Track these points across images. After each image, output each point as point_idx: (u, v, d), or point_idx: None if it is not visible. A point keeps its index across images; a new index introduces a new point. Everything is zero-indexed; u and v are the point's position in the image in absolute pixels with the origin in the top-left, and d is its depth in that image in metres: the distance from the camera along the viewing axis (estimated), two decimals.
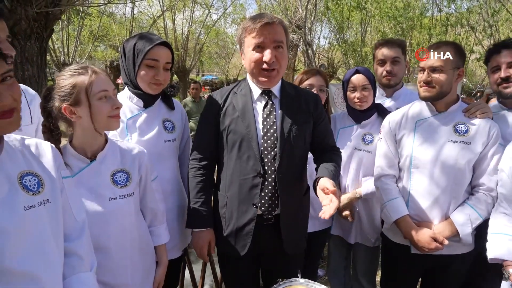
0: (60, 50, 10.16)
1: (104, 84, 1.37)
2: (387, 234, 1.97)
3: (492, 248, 1.52)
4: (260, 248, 1.72)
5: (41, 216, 1.06)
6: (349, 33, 10.39)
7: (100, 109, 1.36)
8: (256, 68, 1.62)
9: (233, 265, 1.80)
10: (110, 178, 1.45)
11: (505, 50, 1.79)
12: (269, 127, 1.65)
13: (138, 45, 1.67)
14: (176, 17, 15.56)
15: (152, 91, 1.74)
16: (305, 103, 1.75)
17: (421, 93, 1.79)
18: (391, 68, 2.34)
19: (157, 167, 1.72)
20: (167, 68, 1.73)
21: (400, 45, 2.38)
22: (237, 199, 1.67)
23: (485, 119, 1.74)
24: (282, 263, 1.78)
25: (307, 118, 1.73)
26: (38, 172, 1.09)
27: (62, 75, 1.37)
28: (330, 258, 2.48)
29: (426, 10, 9.82)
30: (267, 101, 1.69)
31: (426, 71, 1.74)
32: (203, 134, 1.75)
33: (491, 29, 8.52)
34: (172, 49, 1.77)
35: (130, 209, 1.49)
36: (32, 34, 3.21)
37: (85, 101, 1.34)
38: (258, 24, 1.54)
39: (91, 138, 1.42)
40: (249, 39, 1.59)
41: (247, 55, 1.63)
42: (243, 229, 1.68)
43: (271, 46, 1.57)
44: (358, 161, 2.16)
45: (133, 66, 1.69)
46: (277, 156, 1.64)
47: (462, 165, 1.71)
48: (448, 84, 1.73)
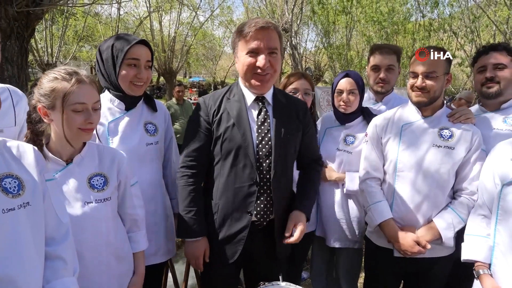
0: (43, 50, 9.96)
1: (83, 96, 1.33)
2: (370, 237, 1.99)
3: (467, 249, 1.55)
4: (249, 254, 1.71)
5: (20, 219, 1.04)
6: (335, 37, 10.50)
7: (72, 120, 1.33)
8: (249, 72, 1.61)
9: (216, 271, 1.75)
10: (87, 182, 1.42)
11: (494, 52, 1.84)
12: (264, 135, 1.65)
13: (116, 45, 1.65)
14: (163, 19, 15.47)
15: (134, 92, 1.71)
16: (296, 111, 1.77)
17: (413, 98, 1.79)
18: (385, 76, 2.34)
19: (140, 171, 1.70)
20: (148, 66, 1.72)
21: (395, 52, 2.38)
22: (231, 206, 1.65)
23: (468, 125, 1.77)
24: (267, 268, 1.77)
25: (298, 126, 1.75)
26: (18, 174, 1.08)
27: (48, 74, 1.35)
28: (313, 260, 2.49)
29: (410, 15, 10.02)
30: (260, 108, 1.68)
31: (420, 76, 1.75)
32: (194, 141, 1.69)
33: (473, 35, 8.73)
34: (151, 47, 1.75)
35: (107, 214, 1.46)
36: (12, 33, 3.13)
37: (60, 108, 1.31)
38: (253, 28, 1.53)
39: (66, 143, 1.39)
40: (243, 43, 1.58)
41: (241, 59, 1.62)
42: (235, 236, 1.67)
43: (265, 52, 1.57)
44: (339, 162, 2.18)
45: (113, 68, 1.66)
46: (272, 164, 1.64)
47: (445, 170, 1.74)
48: (440, 89, 1.76)
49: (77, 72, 1.36)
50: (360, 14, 9.74)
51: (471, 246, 1.54)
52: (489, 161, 1.57)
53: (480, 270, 1.47)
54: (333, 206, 2.20)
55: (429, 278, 1.86)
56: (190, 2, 14.96)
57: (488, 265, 1.47)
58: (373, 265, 2.04)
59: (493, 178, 1.50)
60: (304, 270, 3.11)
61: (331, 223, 2.20)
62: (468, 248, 1.55)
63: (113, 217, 1.51)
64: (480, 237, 1.53)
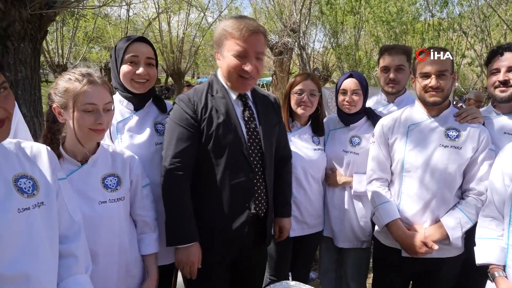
0: (54, 52, 10.09)
1: (94, 97, 1.36)
2: (378, 237, 1.99)
3: (480, 253, 1.54)
4: (244, 249, 1.74)
5: (35, 218, 1.06)
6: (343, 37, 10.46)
7: (82, 120, 1.36)
8: (235, 74, 1.61)
9: (209, 273, 1.69)
10: (101, 182, 1.46)
11: (508, 53, 1.80)
12: (252, 130, 1.68)
13: (118, 45, 1.71)
14: (171, 20, 15.54)
15: (136, 89, 1.73)
16: (272, 105, 1.84)
17: (429, 99, 1.77)
18: (394, 76, 2.33)
19: (149, 171, 1.71)
20: (150, 63, 1.74)
21: (405, 52, 2.37)
22: (229, 204, 1.64)
23: (476, 125, 1.77)
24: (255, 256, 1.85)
25: (277, 120, 1.84)
26: (33, 175, 1.10)
27: (64, 75, 1.39)
28: (321, 260, 2.50)
29: (419, 15, 9.93)
30: (244, 105, 1.71)
31: (433, 76, 1.73)
32: (181, 141, 1.60)
33: (483, 34, 8.63)
34: (152, 44, 1.78)
35: (120, 214, 1.49)
36: (26, 35, 3.19)
37: (71, 107, 1.35)
38: (244, 32, 1.53)
39: (77, 143, 1.42)
40: (231, 44, 1.57)
41: (226, 59, 1.61)
42: (235, 232, 1.67)
43: (253, 57, 1.58)
44: (346, 164, 2.19)
45: (116, 67, 1.71)
46: (263, 158, 1.69)
47: (452, 170, 1.74)
48: (450, 88, 1.76)
49: (91, 73, 1.40)
50: (368, 14, 9.69)
51: (483, 250, 1.53)
52: (499, 162, 1.56)
53: (496, 272, 1.46)
54: (341, 207, 2.22)
55: (438, 278, 1.86)
56: (199, 3, 15.01)
57: (503, 267, 1.46)
58: (381, 265, 2.04)
59: (502, 179, 1.49)
60: (312, 271, 3.12)
61: (339, 223, 2.21)
62: (481, 251, 1.54)
63: (126, 217, 1.54)
64: (491, 239, 1.52)
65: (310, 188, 2.17)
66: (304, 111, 2.14)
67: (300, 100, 2.12)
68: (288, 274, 1.46)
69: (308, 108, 2.14)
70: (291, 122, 2.24)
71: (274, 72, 11.60)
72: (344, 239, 2.22)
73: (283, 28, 9.64)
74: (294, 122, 2.23)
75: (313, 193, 2.19)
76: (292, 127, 2.22)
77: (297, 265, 2.26)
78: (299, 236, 2.18)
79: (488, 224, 1.56)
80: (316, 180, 2.20)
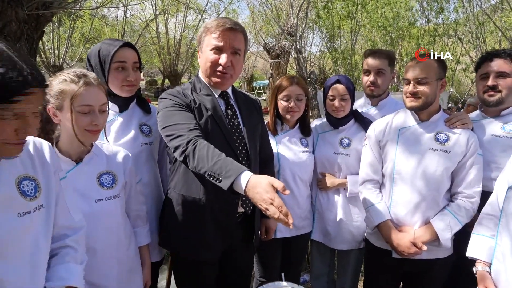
0: (50, 52, 10.08)
1: (90, 98, 1.38)
2: (370, 238, 2.02)
3: (472, 247, 1.59)
4: (232, 246, 1.75)
5: (35, 222, 1.04)
6: (339, 41, 10.55)
7: (78, 121, 1.37)
8: (211, 69, 1.64)
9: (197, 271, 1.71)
10: (97, 180, 1.47)
11: (497, 59, 1.85)
12: (236, 127, 1.70)
13: (102, 51, 1.69)
14: (168, 21, 15.60)
15: (126, 94, 1.76)
16: (253, 105, 1.87)
17: (407, 104, 1.84)
18: (374, 79, 2.36)
19: (135, 171, 1.72)
20: (135, 67, 1.76)
21: (387, 56, 2.39)
22: (218, 201, 1.64)
23: (465, 130, 1.80)
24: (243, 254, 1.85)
25: (259, 119, 1.87)
26: (35, 175, 1.08)
27: (58, 76, 1.40)
28: (313, 265, 2.50)
29: (415, 20, 10.04)
30: (227, 103, 1.73)
31: (411, 82, 1.79)
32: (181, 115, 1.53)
33: (478, 41, 8.74)
34: (136, 49, 1.80)
35: (117, 211, 1.51)
36: (22, 36, 3.19)
37: (68, 109, 1.36)
38: (221, 28, 1.58)
39: (75, 143, 1.43)
40: (209, 39, 1.62)
41: (205, 54, 1.65)
42: (224, 230, 1.68)
43: (229, 51, 1.61)
44: (338, 165, 2.21)
45: (102, 73, 1.70)
46: (248, 155, 1.70)
47: (441, 173, 1.77)
48: (433, 95, 1.79)
49: (86, 74, 1.41)
50: (365, 19, 9.79)
51: (475, 245, 1.58)
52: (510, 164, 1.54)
53: (480, 266, 1.51)
54: (336, 210, 2.23)
55: (428, 279, 1.88)
56: (196, 5, 15.07)
57: (489, 264, 1.50)
58: (373, 266, 2.06)
59: (507, 181, 1.49)
60: (306, 273, 3.14)
61: (336, 226, 2.22)
62: (472, 246, 1.59)
63: (122, 214, 1.56)
64: (484, 237, 1.56)
65: (298, 190, 2.18)
66: (292, 118, 2.17)
67: (287, 107, 2.13)
68: (278, 275, 1.47)
69: (296, 114, 2.15)
70: (279, 124, 2.24)
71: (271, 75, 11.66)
72: (342, 241, 2.23)
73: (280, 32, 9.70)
74: (284, 125, 2.24)
75: (301, 195, 2.20)
76: (281, 130, 2.23)
77: (287, 266, 2.27)
78: (287, 238, 2.19)
79: (487, 223, 1.57)
80: (304, 182, 2.21)
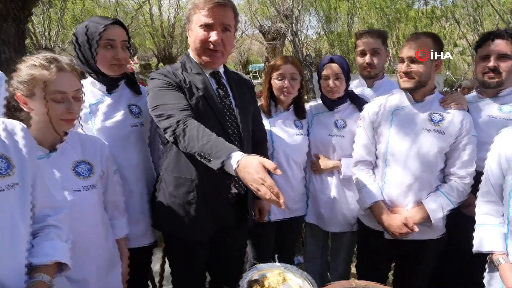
0: (41, 34, 9.87)
1: (64, 85, 1.28)
2: (362, 220, 2.02)
3: (482, 241, 1.47)
4: (225, 227, 1.75)
5: (9, 200, 1.02)
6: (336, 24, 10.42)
7: (52, 110, 1.28)
8: (201, 47, 1.59)
9: (188, 251, 1.72)
10: (72, 169, 1.40)
11: (499, 39, 1.79)
12: (228, 107, 1.66)
13: (90, 29, 1.63)
14: (162, 3, 15.26)
15: (114, 73, 1.71)
16: (246, 86, 1.84)
17: (401, 84, 1.81)
18: (370, 60, 2.33)
19: (124, 152, 1.70)
20: (125, 46, 1.71)
21: (380, 35, 2.36)
22: (211, 182, 1.61)
23: (460, 110, 1.78)
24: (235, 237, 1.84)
25: (251, 100, 1.84)
26: (7, 154, 1.05)
27: (27, 60, 1.29)
28: (306, 247, 2.52)
29: (413, 2, 9.91)
30: (218, 82, 1.69)
31: (405, 61, 1.76)
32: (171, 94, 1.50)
33: (476, 24, 8.65)
34: (125, 27, 1.74)
35: (94, 201, 1.45)
36: (9, 15, 3.11)
37: (40, 96, 1.26)
38: (209, 4, 1.52)
39: (47, 132, 1.33)
40: (198, 16, 1.56)
41: (194, 31, 1.60)
42: (217, 210, 1.67)
43: (218, 28, 1.56)
44: (333, 147, 2.19)
45: (90, 51, 1.64)
46: (240, 136, 1.67)
47: (434, 153, 1.76)
48: (427, 75, 1.76)
49: (58, 59, 1.30)
50: (362, 1, 9.65)
51: (486, 237, 1.46)
52: (497, 145, 1.49)
53: (501, 258, 1.38)
54: (330, 192, 2.23)
55: (419, 259, 1.89)
56: None
57: (505, 253, 1.40)
58: (365, 247, 2.08)
59: (499, 162, 1.44)
60: (300, 255, 3.17)
61: (329, 209, 2.22)
62: (482, 239, 1.47)
63: (100, 205, 1.51)
64: (493, 226, 1.47)
65: (292, 173, 2.17)
66: (286, 98, 2.13)
67: (281, 86, 2.10)
68: (272, 258, 1.46)
69: (290, 95, 2.12)
70: (273, 106, 2.22)
71: (267, 58, 11.54)
72: (336, 223, 2.24)
73: (276, 14, 9.55)
74: (278, 107, 2.21)
75: (295, 178, 2.19)
76: (275, 112, 2.21)
77: (281, 248, 2.28)
78: (281, 220, 2.20)
79: (489, 210, 1.50)
80: (298, 165, 2.20)
